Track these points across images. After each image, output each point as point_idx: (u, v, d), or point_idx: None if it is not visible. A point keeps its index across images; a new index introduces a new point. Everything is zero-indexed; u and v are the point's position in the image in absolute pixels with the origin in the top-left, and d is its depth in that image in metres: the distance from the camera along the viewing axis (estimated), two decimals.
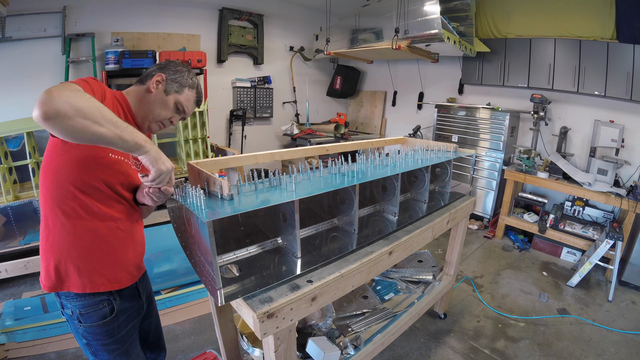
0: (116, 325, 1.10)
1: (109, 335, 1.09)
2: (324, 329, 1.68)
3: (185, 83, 1.14)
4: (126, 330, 1.14)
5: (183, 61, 3.47)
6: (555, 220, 3.35)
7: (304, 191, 1.17)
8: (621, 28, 3.02)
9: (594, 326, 2.38)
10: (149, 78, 1.12)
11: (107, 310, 1.08)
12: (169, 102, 1.12)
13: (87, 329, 1.06)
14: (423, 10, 3.28)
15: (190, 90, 1.16)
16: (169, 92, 1.12)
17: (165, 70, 1.13)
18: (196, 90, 1.18)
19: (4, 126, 2.57)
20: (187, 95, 1.15)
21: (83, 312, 1.04)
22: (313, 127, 4.79)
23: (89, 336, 1.08)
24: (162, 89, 1.11)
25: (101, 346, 1.09)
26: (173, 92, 1.13)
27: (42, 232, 1.03)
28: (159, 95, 1.11)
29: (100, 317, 1.06)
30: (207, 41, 4.05)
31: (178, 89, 1.13)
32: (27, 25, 2.98)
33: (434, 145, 2.00)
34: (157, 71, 1.13)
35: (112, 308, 1.08)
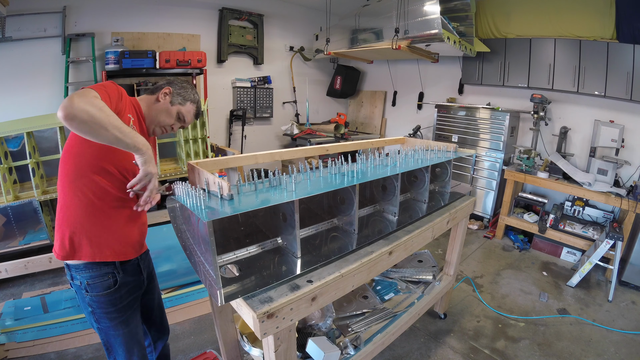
0: (118, 296, 1.24)
1: (112, 304, 1.23)
2: (324, 329, 1.68)
3: (188, 97, 1.34)
4: (127, 301, 1.27)
5: (183, 61, 3.50)
6: (555, 220, 3.35)
7: (303, 191, 1.17)
8: (621, 28, 3.02)
9: (594, 326, 2.38)
10: (158, 90, 1.33)
11: (111, 282, 1.21)
12: (173, 112, 1.32)
13: (92, 297, 1.19)
14: (423, 10, 3.28)
15: (191, 104, 1.36)
16: (173, 103, 1.32)
17: (173, 85, 1.33)
18: (196, 104, 1.38)
19: (4, 126, 2.57)
20: (188, 108, 1.35)
21: (90, 282, 1.18)
22: (313, 127, 4.79)
23: (94, 304, 1.21)
24: (168, 100, 1.31)
25: (104, 314, 1.22)
26: (177, 104, 1.32)
27: (59, 208, 1.18)
28: (165, 105, 1.31)
29: (105, 288, 1.20)
30: (207, 41, 4.05)
31: (182, 101, 1.33)
32: (27, 25, 2.98)
33: (434, 145, 2.00)
34: (166, 85, 1.33)
35: (116, 280, 1.22)
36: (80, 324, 2.22)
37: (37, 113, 2.75)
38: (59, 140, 2.65)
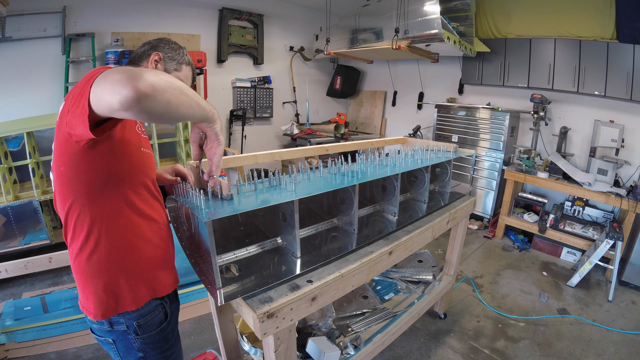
0: (170, 329, 1.08)
1: (166, 340, 1.06)
2: (324, 329, 1.68)
3: (182, 60, 1.10)
4: (175, 332, 1.12)
5: None
6: (555, 220, 3.35)
7: (303, 191, 1.17)
8: (621, 28, 3.02)
9: (594, 326, 2.38)
10: (144, 58, 1.05)
11: (162, 316, 1.04)
12: None
13: (145, 340, 1.00)
14: (423, 10, 3.28)
15: (187, 67, 1.11)
16: (168, 71, 1.06)
17: (161, 49, 1.06)
18: (191, 66, 1.15)
19: (4, 126, 2.57)
20: (186, 73, 1.11)
21: (141, 322, 0.98)
22: (313, 127, 4.79)
23: (147, 347, 1.01)
24: (161, 68, 1.05)
25: (160, 354, 1.05)
26: (173, 71, 1.07)
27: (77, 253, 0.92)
28: None
29: (158, 324, 1.03)
30: (207, 41, 4.05)
31: (177, 66, 1.08)
32: (27, 25, 2.98)
33: (434, 145, 2.00)
34: (151, 50, 1.05)
35: (166, 312, 1.05)
36: (81, 324, 2.22)
37: (37, 113, 2.76)
38: None
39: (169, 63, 1.06)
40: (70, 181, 0.87)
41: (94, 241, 0.91)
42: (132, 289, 0.96)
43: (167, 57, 1.06)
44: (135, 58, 1.06)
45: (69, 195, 0.89)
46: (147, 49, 1.06)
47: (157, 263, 1.03)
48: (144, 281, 0.98)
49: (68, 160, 0.85)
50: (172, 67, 1.07)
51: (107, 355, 1.10)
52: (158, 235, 1.04)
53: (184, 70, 1.10)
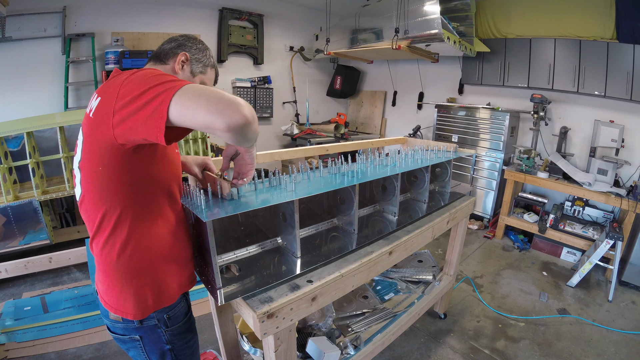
0: (192, 319, 1.14)
1: (191, 330, 1.11)
2: (324, 329, 1.68)
3: (208, 63, 1.07)
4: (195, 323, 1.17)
5: None
6: (555, 220, 3.35)
7: (303, 191, 1.17)
8: (621, 28, 3.02)
9: (594, 326, 2.38)
10: (171, 57, 1.02)
11: (187, 307, 1.10)
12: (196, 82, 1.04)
13: (173, 331, 1.03)
14: (423, 10, 3.28)
15: (211, 70, 1.10)
16: (195, 73, 1.04)
17: (188, 49, 1.03)
18: (215, 69, 1.13)
19: (4, 126, 2.57)
20: (210, 76, 1.09)
21: (171, 314, 1.02)
22: (313, 127, 4.79)
23: (175, 338, 1.04)
24: (187, 69, 1.02)
25: (185, 344, 1.09)
26: (199, 74, 1.05)
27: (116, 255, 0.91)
28: (185, 76, 1.02)
29: (184, 315, 1.07)
30: (207, 41, 3.93)
31: (202, 69, 1.06)
32: (27, 25, 2.98)
33: (434, 145, 2.00)
34: (179, 49, 1.02)
35: (188, 303, 1.13)
36: (80, 324, 2.22)
37: (37, 113, 2.75)
38: (59, 140, 2.64)
39: (195, 65, 1.04)
40: (109, 183, 0.86)
41: (134, 243, 0.91)
42: (167, 286, 0.99)
43: (194, 59, 1.03)
44: (162, 55, 1.03)
45: (107, 197, 0.87)
46: (174, 47, 1.02)
47: (183, 260, 1.06)
48: (176, 277, 1.02)
49: (108, 161, 0.83)
50: (198, 69, 1.05)
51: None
52: (183, 234, 1.06)
53: (209, 73, 1.09)
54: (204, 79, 1.06)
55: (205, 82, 1.07)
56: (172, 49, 1.02)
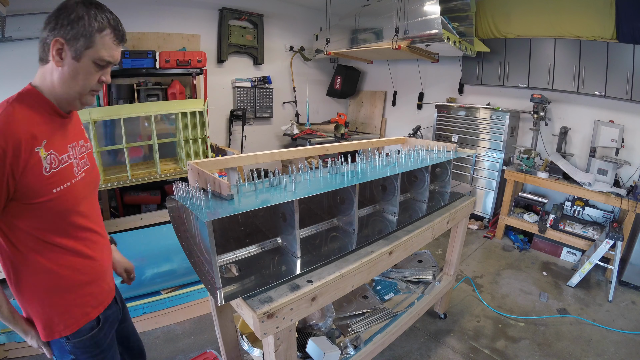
0: (102, 334, 1.08)
1: (97, 346, 1.07)
2: (324, 329, 1.68)
3: (91, 31, 0.84)
4: (110, 337, 1.13)
5: (183, 61, 3.49)
6: (555, 220, 3.35)
7: (303, 191, 1.17)
8: (621, 28, 3.02)
9: (594, 326, 2.38)
10: (47, 50, 0.85)
11: (95, 322, 1.05)
12: (86, 67, 0.87)
13: (76, 344, 1.02)
14: (423, 10, 3.28)
15: (102, 34, 0.86)
16: (78, 55, 0.84)
17: (60, 29, 0.83)
18: (110, 26, 0.87)
19: None
20: (102, 43, 0.86)
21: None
22: (313, 127, 4.79)
23: (78, 351, 1.03)
24: (69, 56, 0.84)
25: (90, 357, 1.06)
26: (84, 51, 0.84)
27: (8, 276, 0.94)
28: (70, 65, 0.85)
29: (89, 330, 1.03)
30: (207, 41, 4.05)
31: (87, 43, 0.84)
32: (27, 25, 2.98)
33: (434, 145, 2.00)
34: (50, 37, 0.84)
35: (98, 318, 1.07)
36: None
37: None
38: None
39: (75, 45, 0.84)
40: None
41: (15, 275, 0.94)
42: (64, 317, 0.98)
43: (70, 39, 0.83)
44: (41, 51, 0.88)
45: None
46: (45, 37, 0.85)
47: (88, 287, 1.04)
48: (77, 308, 1.01)
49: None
50: (81, 48, 0.84)
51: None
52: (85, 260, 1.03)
53: (99, 42, 0.86)
54: (95, 53, 0.86)
55: (100, 54, 0.87)
56: (46, 38, 0.85)
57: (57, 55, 0.84)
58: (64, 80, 0.87)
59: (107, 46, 0.88)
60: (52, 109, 0.90)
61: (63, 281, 0.98)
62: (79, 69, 0.86)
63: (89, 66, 0.87)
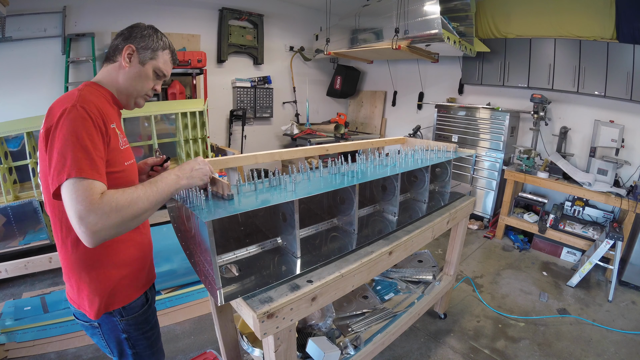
0: (150, 311, 1.17)
1: (147, 322, 1.15)
2: (324, 329, 1.68)
3: (157, 47, 1.07)
4: (155, 315, 1.22)
5: (183, 61, 3.49)
6: (555, 220, 3.35)
7: (303, 191, 1.17)
8: (621, 28, 3.02)
9: (594, 326, 2.38)
10: (117, 53, 1.04)
11: (144, 299, 1.14)
12: (148, 72, 1.06)
13: (129, 321, 1.08)
14: (423, 10, 3.28)
15: (163, 52, 1.09)
16: (144, 61, 1.05)
17: (133, 40, 1.04)
18: (169, 49, 1.11)
19: (4, 126, 2.57)
20: (164, 58, 1.09)
21: (125, 306, 1.07)
22: (313, 127, 4.79)
23: (131, 328, 1.09)
24: (136, 61, 1.04)
25: (142, 335, 1.13)
26: (149, 60, 1.06)
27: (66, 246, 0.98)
28: (135, 68, 1.04)
29: (140, 306, 1.12)
30: (207, 41, 4.05)
31: (152, 55, 1.06)
32: (27, 25, 2.98)
33: (434, 145, 2.00)
34: (124, 43, 1.03)
35: (147, 296, 1.16)
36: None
37: (37, 113, 2.74)
38: None
39: (143, 53, 1.04)
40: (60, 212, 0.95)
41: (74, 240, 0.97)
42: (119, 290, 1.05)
43: (140, 48, 1.04)
44: (110, 53, 1.06)
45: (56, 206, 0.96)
46: (120, 42, 1.04)
47: (141, 261, 1.13)
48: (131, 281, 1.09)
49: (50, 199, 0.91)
50: (147, 57, 1.05)
51: (107, 355, 1.12)
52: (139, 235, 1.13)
53: (161, 57, 1.08)
54: (155, 64, 1.07)
55: (158, 67, 1.08)
56: (118, 44, 1.04)
57: (127, 58, 1.03)
58: (128, 79, 1.05)
59: (165, 62, 1.10)
60: (113, 99, 1.06)
61: (122, 254, 1.06)
62: (142, 72, 1.06)
63: (149, 72, 1.07)
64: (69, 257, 0.99)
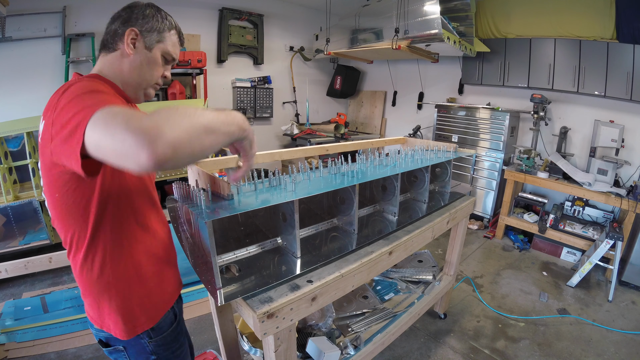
0: (179, 328, 1.08)
1: (177, 340, 1.06)
2: (324, 329, 1.68)
3: (163, 27, 0.93)
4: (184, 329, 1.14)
5: (183, 61, 3.49)
6: (555, 220, 3.35)
7: (303, 191, 1.17)
8: (621, 28, 3.02)
9: (594, 326, 2.38)
10: (118, 39, 0.90)
11: (172, 316, 1.05)
12: (156, 57, 0.93)
13: (158, 342, 0.98)
14: (423, 10, 3.28)
15: (170, 32, 0.95)
16: (150, 46, 0.91)
17: (134, 22, 0.90)
18: (176, 29, 0.98)
19: (4, 126, 2.57)
20: (171, 40, 0.96)
21: (154, 326, 0.97)
22: (313, 127, 4.79)
23: (160, 349, 0.99)
24: (141, 46, 0.90)
25: (172, 354, 1.04)
26: (156, 44, 0.92)
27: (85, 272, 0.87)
28: (141, 54, 0.90)
29: (169, 325, 1.03)
30: (207, 41, 4.05)
31: (159, 37, 0.92)
32: (27, 25, 2.98)
33: (434, 145, 2.00)
34: (124, 27, 0.89)
35: (175, 312, 1.06)
36: (81, 324, 2.22)
37: (37, 113, 2.73)
38: None
39: (148, 37, 0.90)
40: (68, 209, 0.81)
41: (110, 264, 0.87)
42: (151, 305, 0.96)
43: (144, 31, 0.90)
44: (108, 41, 0.91)
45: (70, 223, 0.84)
46: (119, 26, 0.89)
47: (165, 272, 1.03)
48: (159, 293, 0.99)
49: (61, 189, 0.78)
50: (153, 40, 0.91)
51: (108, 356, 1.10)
52: (162, 243, 1.02)
53: (168, 39, 0.94)
54: (163, 47, 0.93)
55: (168, 49, 0.95)
56: (117, 29, 0.90)
57: (131, 44, 0.89)
58: (135, 67, 0.91)
59: (174, 44, 0.97)
60: (119, 92, 0.90)
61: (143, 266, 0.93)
62: (150, 58, 0.92)
63: (158, 58, 0.93)
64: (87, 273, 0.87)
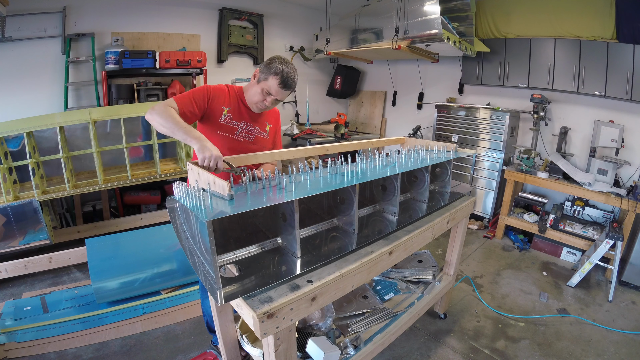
0: None
1: None
2: (324, 329, 1.68)
3: (270, 72, 1.52)
4: None
5: (183, 61, 3.49)
6: (555, 220, 3.35)
7: (303, 191, 1.17)
8: (621, 28, 3.02)
9: (594, 326, 2.38)
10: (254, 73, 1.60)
11: None
12: (259, 89, 1.56)
13: None
14: (423, 10, 3.28)
15: (273, 76, 1.52)
16: (259, 80, 1.56)
17: (259, 66, 1.58)
18: (280, 75, 1.51)
19: (4, 126, 2.57)
20: (271, 82, 1.53)
21: None
22: (313, 127, 4.79)
23: None
24: (256, 80, 1.57)
25: None
26: (262, 81, 1.55)
27: None
28: (253, 84, 1.59)
29: None
30: (207, 41, 4.05)
31: (264, 77, 1.54)
32: (27, 25, 2.98)
33: (433, 145, 2.00)
34: (256, 66, 1.47)
35: None
36: (80, 324, 2.22)
37: (37, 113, 2.75)
38: (59, 140, 2.65)
39: (261, 75, 1.56)
40: None
41: None
42: None
43: (261, 71, 1.57)
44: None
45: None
46: (258, 66, 1.67)
47: None
48: None
49: None
50: (262, 77, 1.56)
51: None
52: None
53: (270, 80, 1.53)
54: (264, 85, 1.55)
55: (266, 87, 1.54)
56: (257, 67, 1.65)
57: (253, 77, 1.61)
58: (249, 89, 1.63)
59: (272, 85, 1.54)
60: (241, 99, 1.66)
61: None
62: (257, 88, 1.58)
63: (260, 89, 1.57)
64: None
